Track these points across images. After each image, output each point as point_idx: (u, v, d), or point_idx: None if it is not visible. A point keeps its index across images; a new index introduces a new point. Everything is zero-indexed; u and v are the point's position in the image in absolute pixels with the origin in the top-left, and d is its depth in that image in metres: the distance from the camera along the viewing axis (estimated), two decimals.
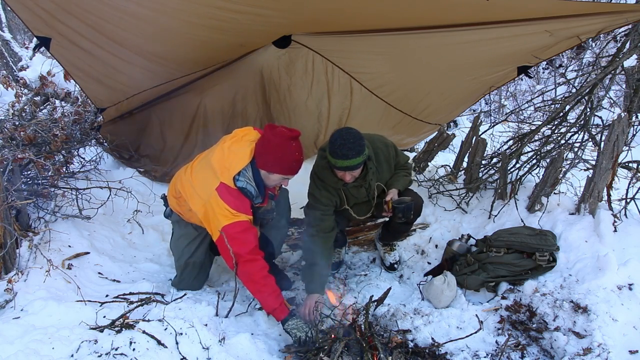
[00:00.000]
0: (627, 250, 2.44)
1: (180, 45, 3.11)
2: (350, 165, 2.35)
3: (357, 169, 2.42)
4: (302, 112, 4.31)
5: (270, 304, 2.32)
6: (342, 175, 2.47)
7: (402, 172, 2.80)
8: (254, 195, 2.35)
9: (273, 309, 2.31)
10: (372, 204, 2.75)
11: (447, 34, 2.93)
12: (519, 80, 7.69)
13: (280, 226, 2.84)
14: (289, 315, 2.31)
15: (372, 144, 2.59)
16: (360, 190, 2.67)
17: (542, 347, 2.21)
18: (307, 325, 2.31)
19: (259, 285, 2.32)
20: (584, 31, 2.62)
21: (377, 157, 2.65)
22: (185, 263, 2.66)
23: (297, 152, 2.32)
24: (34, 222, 2.81)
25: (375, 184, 2.67)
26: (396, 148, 2.79)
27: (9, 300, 2.21)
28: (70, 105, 4.16)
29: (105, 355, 1.84)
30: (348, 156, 2.32)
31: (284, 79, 4.10)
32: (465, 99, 3.98)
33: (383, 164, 2.69)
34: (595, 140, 3.05)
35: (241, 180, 2.29)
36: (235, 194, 2.28)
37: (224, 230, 2.25)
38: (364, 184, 2.62)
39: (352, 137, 2.32)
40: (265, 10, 2.72)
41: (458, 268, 2.75)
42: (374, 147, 2.63)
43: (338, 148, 2.32)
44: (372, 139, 2.63)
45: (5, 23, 7.38)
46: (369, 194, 2.69)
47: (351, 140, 2.31)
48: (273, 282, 2.34)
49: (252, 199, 2.36)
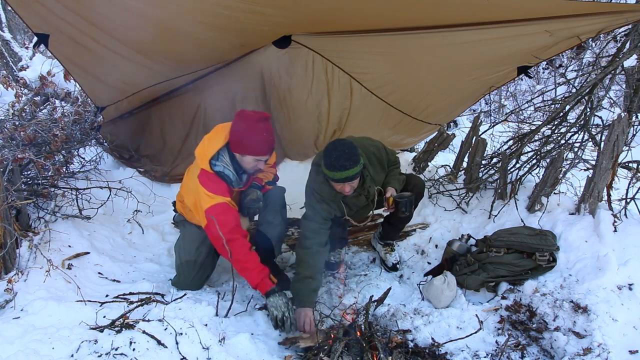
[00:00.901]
0: (627, 250, 2.44)
1: (181, 43, 3.11)
2: (349, 175, 2.35)
3: (356, 179, 2.42)
4: (302, 112, 4.31)
5: (254, 279, 2.36)
6: (341, 187, 2.44)
7: (395, 170, 2.82)
8: (232, 179, 2.46)
9: (256, 284, 2.35)
10: (372, 207, 2.75)
11: (447, 34, 2.93)
12: (519, 80, 7.69)
13: (275, 223, 2.83)
14: (271, 290, 2.33)
15: (364, 151, 2.58)
16: (360, 198, 2.67)
17: (542, 347, 2.21)
18: (287, 306, 2.33)
19: (242, 262, 2.37)
20: (584, 31, 2.62)
21: (372, 162, 2.66)
22: (185, 262, 2.67)
23: (264, 133, 2.40)
24: (34, 222, 2.81)
25: (374, 189, 2.67)
26: (385, 147, 2.79)
27: (9, 300, 2.21)
28: (70, 105, 4.15)
29: (105, 355, 1.84)
30: (346, 167, 2.32)
31: (284, 79, 4.10)
32: (465, 99, 3.98)
33: (377, 166, 2.70)
34: (595, 140, 3.05)
35: (218, 164, 2.42)
36: (212, 177, 2.41)
37: (206, 213, 2.36)
38: (363, 192, 2.62)
39: (347, 148, 2.33)
40: (266, 10, 2.72)
41: (458, 268, 2.75)
42: (367, 153, 2.62)
43: (335, 160, 2.31)
44: (363, 146, 2.62)
45: (5, 23, 7.37)
46: (368, 199, 2.69)
47: (347, 152, 2.32)
48: (256, 258, 2.39)
49: (231, 183, 2.46)
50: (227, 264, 3.19)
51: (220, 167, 2.43)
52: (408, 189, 2.83)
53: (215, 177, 2.42)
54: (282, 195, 2.92)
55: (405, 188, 2.84)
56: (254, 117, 2.41)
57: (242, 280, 2.97)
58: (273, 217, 2.79)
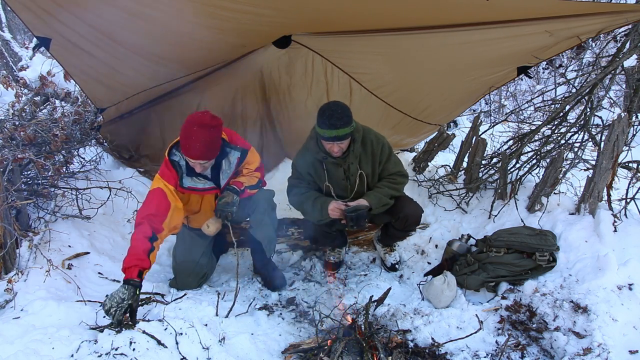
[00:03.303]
0: (627, 250, 2.44)
1: (181, 45, 3.11)
2: (339, 134, 2.45)
3: (345, 139, 2.52)
4: (301, 112, 4.30)
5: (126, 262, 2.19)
6: (330, 147, 2.55)
7: (385, 184, 2.76)
8: (183, 170, 2.52)
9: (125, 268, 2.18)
10: (349, 189, 2.78)
11: (447, 34, 2.92)
12: (519, 80, 7.69)
13: (263, 223, 2.81)
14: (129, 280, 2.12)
15: (366, 133, 2.67)
16: (339, 170, 2.72)
17: (542, 347, 2.21)
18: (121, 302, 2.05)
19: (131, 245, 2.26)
20: (584, 31, 2.62)
21: (365, 146, 2.69)
22: (179, 262, 2.74)
23: (194, 137, 2.35)
24: (34, 222, 2.81)
25: (355, 167, 2.69)
26: (391, 151, 2.77)
27: (9, 300, 2.21)
28: (70, 105, 4.14)
29: (105, 355, 1.84)
30: (336, 125, 2.43)
31: (284, 79, 4.10)
32: (465, 100, 3.97)
33: (368, 156, 2.71)
34: (595, 140, 3.05)
35: (175, 153, 2.52)
36: (167, 163, 2.51)
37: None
38: (343, 164, 2.68)
39: (340, 109, 2.47)
40: (266, 10, 2.72)
41: (458, 268, 2.75)
42: (366, 136, 2.68)
43: (327, 118, 2.43)
44: (368, 130, 2.71)
45: (5, 23, 7.37)
46: (347, 177, 2.72)
47: (339, 111, 2.45)
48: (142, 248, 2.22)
49: (181, 175, 2.52)
50: (227, 265, 3.20)
51: (177, 157, 2.52)
52: (399, 216, 2.77)
53: (168, 163, 2.51)
54: (271, 198, 2.89)
55: (397, 215, 2.78)
56: (195, 122, 2.40)
57: (242, 281, 2.97)
58: (261, 218, 2.79)
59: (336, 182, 2.77)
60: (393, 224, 2.88)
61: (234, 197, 2.64)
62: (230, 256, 3.28)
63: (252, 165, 2.83)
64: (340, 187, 2.79)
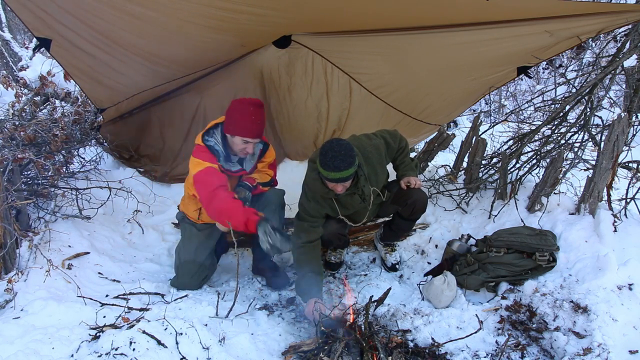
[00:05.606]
0: (627, 250, 2.44)
1: (181, 46, 3.11)
2: (342, 177, 2.35)
3: (349, 180, 2.43)
4: (301, 112, 4.31)
5: (240, 218, 2.36)
6: (333, 186, 2.46)
7: (405, 160, 2.83)
8: (220, 154, 2.60)
9: (244, 222, 2.35)
10: (368, 208, 2.74)
11: (447, 34, 2.93)
12: (519, 80, 7.69)
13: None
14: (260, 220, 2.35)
15: (361, 151, 2.57)
16: (354, 198, 2.65)
17: (542, 347, 2.21)
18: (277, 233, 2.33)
19: (227, 210, 2.40)
20: (584, 31, 2.62)
21: (370, 162, 2.63)
22: (184, 262, 2.70)
23: (253, 115, 2.53)
24: (34, 222, 2.81)
25: (369, 189, 2.65)
26: (386, 140, 2.75)
27: (9, 300, 2.21)
28: (70, 105, 4.15)
29: (105, 355, 1.84)
30: (340, 168, 2.31)
31: (284, 79, 4.10)
32: (465, 100, 3.98)
33: (376, 166, 2.67)
34: (595, 140, 3.05)
35: (209, 139, 2.61)
36: (203, 149, 2.59)
37: (194, 178, 2.54)
38: (356, 191, 2.61)
39: (343, 149, 2.32)
40: (266, 10, 2.72)
41: (458, 268, 2.75)
42: (364, 153, 2.60)
43: (330, 160, 2.31)
44: (361, 145, 2.61)
45: (5, 23, 7.38)
46: (363, 199, 2.67)
47: (342, 152, 2.31)
48: (239, 203, 2.45)
49: (219, 158, 2.60)
50: (228, 265, 3.20)
51: (212, 142, 2.60)
52: (408, 203, 2.79)
53: (205, 149, 2.59)
54: (281, 197, 2.94)
55: (405, 201, 2.80)
56: (247, 101, 2.57)
57: (242, 281, 2.97)
58: (270, 217, 2.78)
59: (353, 208, 2.73)
60: (400, 211, 2.87)
61: (247, 193, 2.72)
62: (230, 256, 3.28)
63: (268, 159, 2.91)
64: (358, 212, 2.77)
